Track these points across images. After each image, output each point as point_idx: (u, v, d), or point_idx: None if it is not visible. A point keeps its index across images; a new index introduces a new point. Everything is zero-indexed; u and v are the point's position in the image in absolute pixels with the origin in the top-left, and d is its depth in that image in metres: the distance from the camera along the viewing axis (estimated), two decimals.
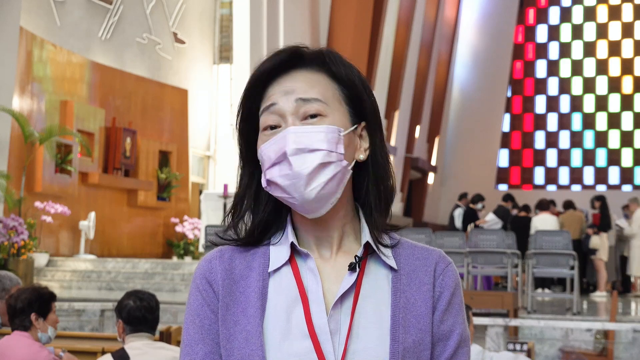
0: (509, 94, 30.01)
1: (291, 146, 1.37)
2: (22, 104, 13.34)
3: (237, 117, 1.46)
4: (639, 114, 28.96)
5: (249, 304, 1.40)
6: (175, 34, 17.49)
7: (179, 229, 16.37)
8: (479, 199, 15.37)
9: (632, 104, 28.99)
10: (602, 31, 29.59)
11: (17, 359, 4.10)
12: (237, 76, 17.78)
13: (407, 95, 24.91)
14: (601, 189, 27.86)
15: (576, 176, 29.17)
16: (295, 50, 1.45)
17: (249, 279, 1.42)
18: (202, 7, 18.40)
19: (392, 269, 1.43)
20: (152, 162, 16.32)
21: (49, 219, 13.14)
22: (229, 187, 14.74)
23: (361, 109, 1.45)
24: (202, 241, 14.81)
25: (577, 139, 29.34)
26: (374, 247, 1.42)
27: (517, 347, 6.57)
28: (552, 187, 29.09)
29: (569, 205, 14.62)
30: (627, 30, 29.38)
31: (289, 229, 1.44)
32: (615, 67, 29.33)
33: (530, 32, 30.28)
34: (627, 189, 28.35)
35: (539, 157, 29.64)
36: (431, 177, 27.98)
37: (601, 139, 29.11)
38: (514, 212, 14.91)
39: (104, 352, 5.43)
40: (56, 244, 14.10)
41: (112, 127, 15.29)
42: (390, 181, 1.46)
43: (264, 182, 1.41)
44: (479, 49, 29.89)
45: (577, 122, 29.44)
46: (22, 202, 12.31)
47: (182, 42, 17.69)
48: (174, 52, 17.51)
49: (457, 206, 15.64)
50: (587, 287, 14.60)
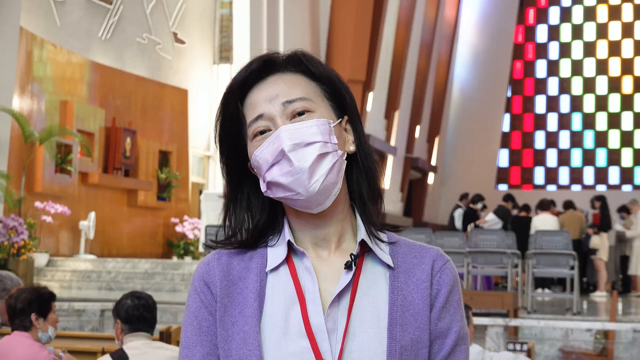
0: (509, 94, 30.01)
1: (287, 143, 1.38)
2: (22, 104, 13.34)
3: (216, 131, 1.46)
4: (639, 114, 28.96)
5: (246, 305, 1.41)
6: (175, 34, 17.49)
7: (179, 229, 16.36)
8: (479, 199, 15.37)
9: (632, 104, 28.99)
10: (602, 31, 29.59)
11: (17, 359, 4.10)
12: None
13: (407, 95, 24.91)
14: (601, 189, 27.86)
15: (576, 176, 29.18)
16: (266, 58, 1.46)
17: (246, 280, 1.43)
18: (202, 7, 18.40)
19: (389, 267, 1.44)
20: (152, 162, 16.32)
21: (49, 219, 13.14)
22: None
23: (342, 104, 1.47)
24: (202, 241, 14.80)
25: (577, 139, 29.34)
26: (370, 244, 1.43)
27: (517, 347, 6.57)
28: (552, 187, 29.09)
29: (569, 205, 14.62)
30: (627, 30, 29.38)
31: (286, 229, 1.44)
32: (615, 67, 29.33)
33: (530, 32, 30.28)
34: (627, 189, 28.35)
35: (539, 157, 29.64)
36: (431, 177, 27.98)
37: (601, 139, 29.11)
38: (514, 212, 14.91)
39: (103, 352, 5.43)
40: (56, 244, 14.10)
41: (112, 127, 15.29)
42: (377, 172, 1.48)
43: (263, 187, 1.42)
44: (479, 49, 29.89)
45: (577, 122, 29.44)
46: (22, 202, 12.31)
47: (182, 42, 17.69)
48: (174, 52, 17.51)
49: (457, 206, 15.65)
50: (587, 287, 14.60)
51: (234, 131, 1.45)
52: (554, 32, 30.07)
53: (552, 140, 29.59)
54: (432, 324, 1.42)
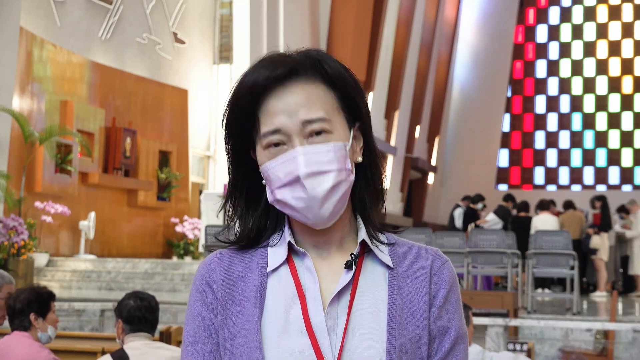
0: (509, 94, 30.02)
1: (303, 170, 1.38)
2: (22, 104, 13.34)
3: (224, 120, 1.46)
4: (639, 114, 28.97)
5: (247, 303, 1.42)
6: (175, 34, 17.49)
7: (179, 229, 16.36)
8: (479, 199, 15.37)
9: (632, 104, 29.00)
10: (602, 31, 29.60)
11: (17, 359, 4.10)
12: (237, 76, 17.67)
13: (407, 95, 24.92)
14: (601, 189, 27.88)
15: (576, 176, 29.19)
16: (293, 65, 1.42)
17: (247, 279, 1.44)
18: (202, 7, 18.40)
19: (388, 267, 1.45)
20: (152, 162, 16.32)
21: (49, 219, 13.14)
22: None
23: (354, 109, 1.46)
24: (202, 241, 14.80)
25: (577, 139, 29.35)
26: (370, 244, 1.44)
27: (517, 347, 6.57)
28: (552, 187, 29.10)
29: (569, 205, 14.62)
30: (627, 30, 29.38)
31: (287, 230, 1.45)
32: (615, 67, 29.34)
33: (530, 32, 30.29)
34: (627, 189, 28.36)
35: (539, 157, 29.65)
36: (431, 177, 27.99)
37: (601, 139, 29.12)
38: (514, 212, 14.91)
39: (104, 352, 5.43)
40: (56, 244, 14.10)
41: (112, 127, 15.29)
42: (382, 177, 1.48)
43: (270, 197, 1.42)
44: (479, 49, 29.89)
45: (577, 122, 29.45)
46: (22, 202, 12.31)
47: (182, 42, 17.69)
48: (174, 52, 17.51)
49: (457, 206, 15.65)
50: (587, 287, 14.60)
51: (244, 125, 1.44)
52: (554, 32, 30.08)
53: (552, 140, 29.61)
54: (431, 323, 1.43)
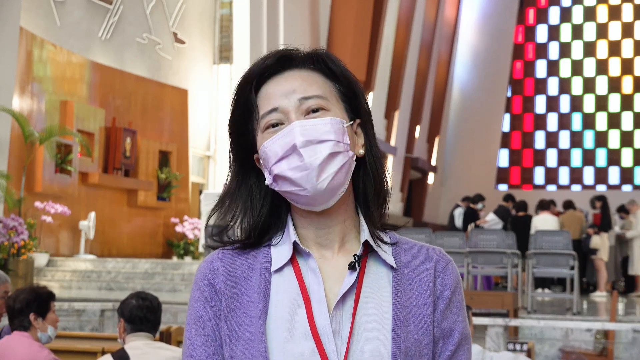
0: (509, 94, 30.02)
1: (300, 138, 1.37)
2: (22, 104, 13.33)
3: (229, 121, 1.47)
4: (639, 114, 28.96)
5: (251, 305, 1.40)
6: (175, 34, 17.49)
7: (179, 229, 16.36)
8: (479, 198, 15.37)
9: (632, 104, 29.00)
10: (602, 31, 29.60)
11: (17, 359, 4.10)
12: (237, 76, 17.62)
13: (407, 95, 24.91)
14: (601, 189, 27.88)
15: (576, 176, 29.18)
16: (284, 53, 1.46)
17: (251, 280, 1.43)
18: (202, 7, 18.39)
19: (392, 267, 1.44)
20: (152, 162, 16.31)
21: (49, 219, 13.14)
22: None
23: (355, 106, 1.47)
24: (202, 241, 14.80)
25: (577, 139, 29.35)
26: (373, 244, 1.43)
27: (517, 347, 6.57)
28: (552, 187, 29.10)
29: (569, 205, 14.62)
30: (627, 30, 29.38)
31: (290, 228, 1.44)
32: (615, 67, 29.34)
33: (530, 32, 30.29)
34: (627, 189, 28.35)
35: (539, 157, 29.64)
36: (431, 177, 27.99)
37: (601, 139, 29.11)
38: (514, 212, 14.91)
39: (104, 352, 5.43)
40: (56, 244, 14.10)
41: (112, 127, 15.28)
42: (385, 177, 1.48)
43: (269, 179, 1.41)
44: (479, 49, 29.89)
45: (577, 122, 29.44)
46: (22, 202, 12.31)
47: (182, 42, 17.69)
48: (174, 52, 17.50)
49: (457, 206, 15.65)
50: (587, 287, 14.60)
51: (244, 121, 1.45)
52: (554, 32, 30.08)
53: (552, 140, 29.61)
54: (436, 324, 1.42)
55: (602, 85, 29.33)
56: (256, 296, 1.40)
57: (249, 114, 1.45)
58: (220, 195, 1.50)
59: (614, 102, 29.17)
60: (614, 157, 28.91)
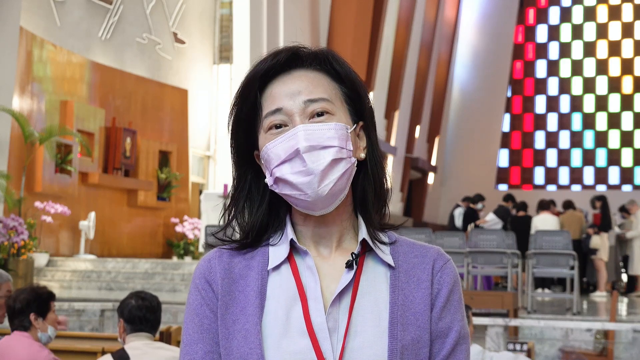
0: (509, 94, 30.01)
1: (303, 143, 1.37)
2: (22, 104, 13.33)
3: (231, 116, 1.46)
4: (639, 114, 28.96)
5: (247, 303, 1.40)
6: (175, 34, 17.49)
7: (179, 229, 16.36)
8: (479, 199, 15.37)
9: (632, 104, 28.99)
10: (602, 31, 29.59)
11: (17, 359, 4.10)
12: (237, 76, 17.77)
13: (407, 95, 24.91)
14: (601, 189, 27.87)
15: (576, 176, 29.18)
16: (294, 50, 1.45)
17: (248, 278, 1.43)
18: (202, 7, 18.39)
19: (390, 266, 1.44)
20: (152, 162, 16.31)
21: (49, 219, 13.14)
22: (229, 187, 14.70)
23: (359, 109, 1.46)
24: (202, 241, 14.80)
25: (577, 139, 29.34)
26: (371, 243, 1.43)
27: (517, 347, 6.57)
28: (552, 187, 29.09)
29: (569, 205, 14.62)
30: (627, 30, 29.38)
31: (289, 228, 1.44)
32: (615, 67, 29.33)
33: (530, 32, 30.28)
34: (627, 189, 28.35)
35: (539, 157, 29.64)
36: (431, 177, 27.98)
37: (601, 139, 29.11)
38: (514, 212, 14.91)
39: (104, 352, 5.43)
40: (56, 244, 14.10)
41: (112, 127, 15.28)
42: (385, 180, 1.48)
43: (270, 180, 1.41)
44: (479, 49, 29.89)
45: (577, 122, 29.44)
46: (22, 202, 12.31)
47: (182, 42, 17.69)
48: (174, 52, 17.50)
49: (457, 206, 15.65)
50: (587, 287, 14.60)
51: (248, 119, 1.45)
52: (554, 32, 30.07)
53: (552, 140, 29.60)
54: (433, 323, 1.42)
55: (602, 85, 29.33)
56: (252, 294, 1.40)
57: (254, 112, 1.44)
58: (230, 192, 1.50)
59: (614, 102, 29.16)
60: (614, 157, 28.91)
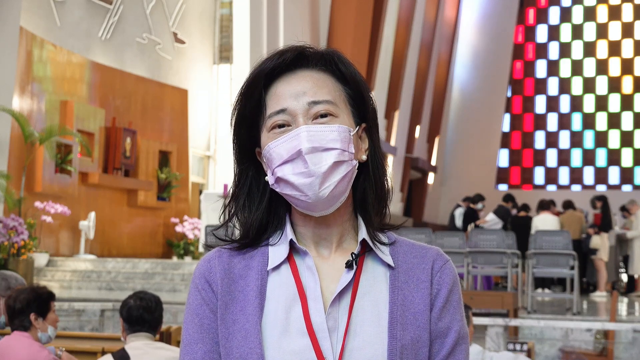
0: (509, 94, 30.01)
1: (306, 145, 1.38)
2: (22, 104, 13.33)
3: (233, 114, 1.46)
4: (639, 114, 28.96)
5: (247, 303, 1.40)
6: (175, 34, 17.49)
7: (179, 229, 16.36)
8: (479, 199, 15.36)
9: (632, 104, 28.99)
10: (602, 31, 29.60)
11: (17, 359, 4.10)
12: (237, 76, 17.78)
13: (407, 95, 24.91)
14: (601, 189, 27.87)
15: (576, 176, 29.18)
16: (300, 50, 1.46)
17: (247, 278, 1.43)
18: (202, 7, 18.39)
19: (389, 267, 1.44)
20: (152, 162, 16.31)
21: (49, 219, 13.14)
22: (229, 187, 14.70)
23: (362, 110, 1.47)
24: (202, 241, 14.80)
25: (577, 139, 29.34)
26: (371, 244, 1.43)
27: (517, 347, 6.57)
28: (552, 187, 29.09)
29: (569, 205, 14.62)
30: (627, 30, 29.38)
31: (288, 228, 1.44)
32: (615, 67, 29.33)
33: (530, 32, 30.28)
34: (627, 189, 28.35)
35: (539, 157, 29.64)
36: (431, 177, 27.98)
37: (601, 139, 29.11)
38: (514, 212, 14.91)
39: (104, 352, 5.43)
40: (56, 244, 14.10)
41: (112, 127, 15.28)
42: (386, 182, 1.48)
43: (271, 179, 1.42)
44: (479, 49, 29.89)
45: (577, 122, 29.44)
46: (22, 202, 12.31)
47: (182, 42, 17.69)
48: (174, 52, 17.50)
49: (457, 206, 15.65)
50: (587, 287, 14.60)
51: (251, 116, 1.45)
52: (554, 32, 30.08)
53: (552, 140, 29.60)
54: (433, 323, 1.42)
55: (602, 85, 29.33)
56: (252, 294, 1.41)
57: (257, 110, 1.45)
58: (231, 190, 1.50)
59: (614, 102, 29.16)
60: (614, 157, 28.91)
